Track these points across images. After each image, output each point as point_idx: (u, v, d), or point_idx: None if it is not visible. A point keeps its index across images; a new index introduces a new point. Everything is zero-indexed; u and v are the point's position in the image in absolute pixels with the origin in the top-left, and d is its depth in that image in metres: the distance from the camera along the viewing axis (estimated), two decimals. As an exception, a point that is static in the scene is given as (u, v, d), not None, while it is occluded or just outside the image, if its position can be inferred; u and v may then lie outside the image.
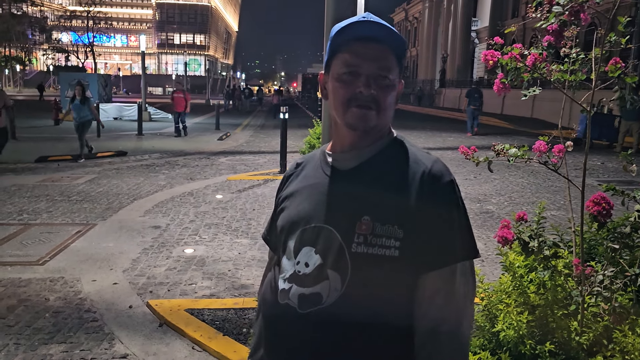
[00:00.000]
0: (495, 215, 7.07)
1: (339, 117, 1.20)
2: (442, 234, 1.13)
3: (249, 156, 12.73)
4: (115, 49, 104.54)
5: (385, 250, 1.12)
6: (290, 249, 1.23)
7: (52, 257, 5.01)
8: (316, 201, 1.22)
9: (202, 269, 4.83)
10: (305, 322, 1.16)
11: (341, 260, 1.14)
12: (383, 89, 1.17)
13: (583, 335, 2.35)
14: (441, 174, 1.16)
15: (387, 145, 1.23)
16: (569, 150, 2.17)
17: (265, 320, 1.30)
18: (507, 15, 43.67)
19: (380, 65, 1.17)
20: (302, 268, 1.19)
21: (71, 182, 8.72)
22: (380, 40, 1.17)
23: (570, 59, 2.22)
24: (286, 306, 1.20)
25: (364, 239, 1.13)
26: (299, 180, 1.31)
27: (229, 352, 3.30)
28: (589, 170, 10.87)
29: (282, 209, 1.31)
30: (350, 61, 1.17)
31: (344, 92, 1.18)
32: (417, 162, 1.18)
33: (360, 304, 1.13)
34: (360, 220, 1.14)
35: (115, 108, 23.42)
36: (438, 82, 50.08)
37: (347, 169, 1.22)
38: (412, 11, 69.72)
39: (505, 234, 2.50)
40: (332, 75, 1.21)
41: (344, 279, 1.14)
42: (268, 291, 1.32)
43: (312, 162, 1.32)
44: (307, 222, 1.21)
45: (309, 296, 1.16)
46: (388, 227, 1.12)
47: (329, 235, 1.17)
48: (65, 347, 3.36)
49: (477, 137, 18.50)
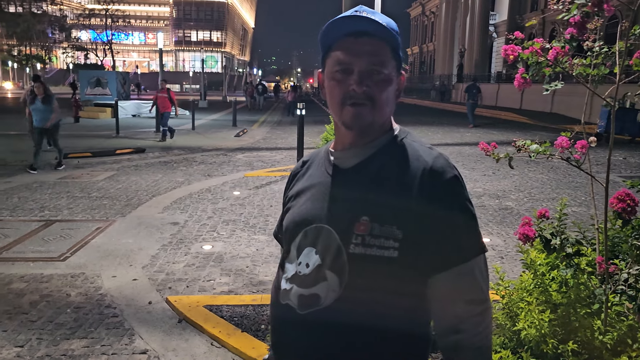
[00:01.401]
0: (515, 211, 6.98)
1: (336, 116, 1.18)
2: (450, 233, 1.10)
3: (266, 152, 12.76)
4: (133, 47, 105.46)
5: (383, 252, 1.09)
6: (293, 249, 1.23)
7: (73, 253, 5.08)
8: (318, 201, 1.21)
9: (220, 265, 4.85)
10: (304, 323, 1.15)
11: (339, 261, 1.13)
12: (378, 84, 1.13)
13: (607, 335, 2.31)
14: (442, 170, 1.12)
15: (388, 142, 1.20)
16: (592, 146, 2.13)
17: (271, 319, 1.32)
18: (526, 8, 43.08)
19: (372, 60, 1.13)
20: (302, 269, 1.18)
21: (91, 179, 8.83)
22: (371, 34, 1.13)
23: (593, 53, 2.17)
24: (287, 307, 1.19)
25: (362, 239, 1.10)
26: (304, 179, 1.30)
27: (248, 348, 3.31)
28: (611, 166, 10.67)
29: (288, 208, 1.30)
30: (341, 58, 1.14)
31: (337, 91, 1.15)
32: (418, 159, 1.14)
33: (359, 305, 1.11)
34: (359, 220, 1.11)
35: (133, 105, 23.67)
36: (455, 77, 49.61)
37: (347, 168, 1.20)
38: (429, 5, 69.16)
39: (527, 231, 2.46)
40: (326, 74, 1.19)
41: (342, 280, 1.12)
42: (273, 291, 1.33)
43: (317, 161, 1.31)
44: (308, 223, 1.20)
45: (308, 297, 1.15)
46: (387, 228, 1.09)
47: (328, 236, 1.15)
48: (86, 342, 3.40)
49: (484, 130, 18.31)
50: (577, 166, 2.18)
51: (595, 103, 15.75)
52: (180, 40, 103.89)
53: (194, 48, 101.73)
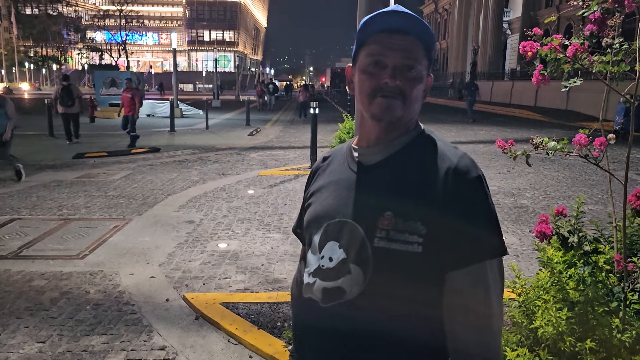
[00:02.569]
0: (530, 209, 6.94)
1: (365, 108, 1.19)
2: (469, 232, 1.10)
3: (279, 151, 12.80)
4: (147, 47, 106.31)
5: (407, 246, 1.10)
6: (315, 243, 1.24)
7: (92, 251, 5.16)
8: (341, 196, 1.22)
9: (236, 263, 4.89)
10: (327, 316, 1.17)
11: (363, 254, 1.14)
12: (409, 81, 1.15)
13: (625, 333, 2.30)
14: (467, 169, 1.13)
15: (414, 140, 1.21)
16: (612, 143, 2.12)
17: (292, 313, 1.33)
18: (540, 4, 42.63)
19: (406, 56, 1.15)
20: (326, 262, 1.20)
21: (107, 178, 8.93)
22: (407, 31, 1.15)
23: (613, 49, 2.16)
24: (309, 300, 1.21)
25: (386, 233, 1.12)
26: (326, 175, 1.31)
27: (264, 345, 3.34)
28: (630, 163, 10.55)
29: (310, 204, 1.31)
30: (376, 52, 1.16)
31: (369, 84, 1.17)
32: (443, 158, 1.15)
33: (382, 298, 1.12)
34: (383, 215, 1.13)
35: (147, 105, 23.85)
36: (469, 75, 49.30)
37: (372, 164, 1.21)
38: (442, 3, 68.77)
39: (544, 229, 2.46)
40: (359, 68, 1.20)
41: (366, 274, 1.14)
42: (294, 286, 1.34)
43: (339, 157, 1.32)
44: (331, 217, 1.21)
45: (332, 290, 1.17)
46: (410, 223, 1.10)
47: (352, 230, 1.17)
48: (106, 339, 3.45)
49: (498, 128, 18.19)
50: (596, 163, 2.17)
51: (612, 100, 15.56)
52: (193, 40, 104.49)
53: (206, 48, 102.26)
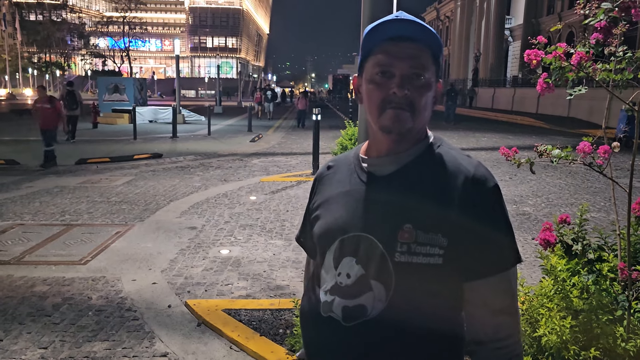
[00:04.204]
0: (533, 217, 6.93)
1: (374, 120, 1.16)
2: (492, 240, 1.10)
3: (281, 158, 12.81)
4: (150, 53, 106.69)
5: (429, 259, 1.08)
6: (329, 259, 1.20)
7: (94, 257, 5.15)
8: (354, 209, 1.18)
9: (238, 269, 4.88)
10: (350, 335, 1.14)
11: (384, 270, 1.11)
12: (418, 89, 1.12)
13: (629, 342, 2.29)
14: (485, 179, 1.12)
15: (426, 149, 1.18)
16: (616, 151, 2.12)
17: (307, 334, 1.27)
18: (542, 12, 42.73)
19: (414, 64, 1.12)
20: (343, 279, 1.16)
21: (110, 184, 8.94)
22: (414, 38, 1.12)
23: (617, 58, 2.16)
24: (330, 319, 1.17)
25: (407, 247, 1.09)
26: (332, 185, 1.27)
27: (267, 352, 3.33)
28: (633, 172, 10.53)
29: (317, 216, 1.26)
30: (383, 61, 1.13)
31: (377, 94, 1.13)
32: (459, 167, 1.13)
33: (406, 314, 1.10)
34: (402, 228, 1.10)
35: (150, 111, 23.92)
36: (470, 82, 49.37)
37: (384, 175, 1.18)
38: (443, 10, 68.97)
39: (548, 237, 2.45)
40: (366, 78, 1.17)
41: (388, 290, 1.11)
42: (306, 305, 1.28)
43: (345, 166, 1.27)
44: (345, 232, 1.17)
45: (353, 308, 1.13)
46: (431, 236, 1.09)
47: (369, 245, 1.13)
48: (108, 345, 3.45)
49: (500, 135, 18.20)
50: (600, 171, 2.17)
51: (614, 107, 15.56)
52: (196, 47, 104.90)
53: (209, 54, 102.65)
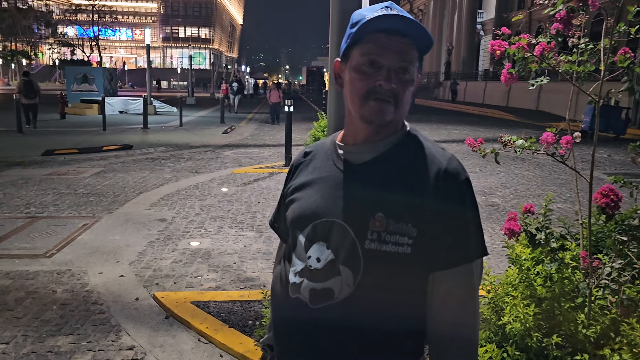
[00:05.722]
0: (501, 208, 7.04)
1: (355, 109, 1.17)
2: (459, 233, 1.13)
3: (254, 149, 12.73)
4: (120, 43, 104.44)
5: (398, 248, 1.10)
6: (301, 243, 1.21)
7: (59, 250, 5.04)
8: (328, 195, 1.19)
9: (208, 261, 4.84)
10: (316, 317, 1.15)
11: (354, 256, 1.13)
12: (403, 84, 1.14)
13: (590, 328, 2.34)
14: (457, 172, 1.14)
15: (402, 140, 1.20)
16: (577, 141, 2.15)
17: (275, 313, 1.29)
18: (513, 6, 43.31)
19: (402, 59, 1.14)
20: (313, 263, 1.17)
21: (77, 176, 8.75)
22: (405, 33, 1.13)
23: (579, 50, 2.20)
24: (297, 300, 1.19)
25: (377, 235, 1.11)
26: (309, 171, 1.28)
27: (235, 344, 3.31)
28: (596, 163, 10.80)
29: (292, 200, 1.27)
30: (372, 51, 1.13)
31: (362, 84, 1.14)
32: (432, 159, 1.15)
33: (372, 300, 1.12)
34: (374, 216, 1.12)
35: (120, 102, 23.46)
36: (443, 75, 49.82)
37: (360, 163, 1.19)
38: (417, 3, 69.29)
39: (512, 226, 2.49)
40: (351, 65, 1.17)
41: (356, 275, 1.13)
42: (278, 284, 1.30)
43: (322, 153, 1.29)
44: (318, 217, 1.19)
45: (321, 291, 1.15)
46: (402, 225, 1.10)
47: (341, 231, 1.15)
48: (72, 339, 3.38)
49: (471, 128, 18.47)
50: (562, 161, 2.21)
51: (582, 100, 15.92)
52: (168, 37, 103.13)
53: (181, 44, 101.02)
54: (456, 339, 1.14)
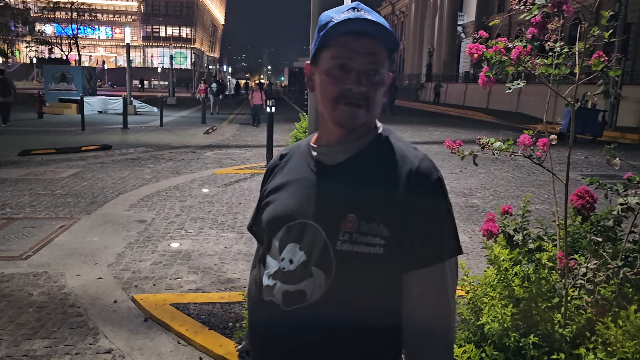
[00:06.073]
0: (481, 209, 7.12)
1: (327, 112, 1.17)
2: (431, 232, 1.13)
3: (236, 150, 12.67)
4: (99, 42, 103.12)
5: (370, 249, 1.10)
6: (275, 245, 1.21)
7: (36, 252, 4.95)
8: (301, 197, 1.19)
9: (188, 263, 4.80)
10: (289, 320, 1.15)
11: (325, 257, 1.13)
12: (373, 85, 1.14)
13: (566, 328, 2.38)
14: (429, 171, 1.14)
15: (374, 141, 1.20)
16: (553, 143, 2.18)
17: (250, 315, 1.29)
18: (493, 9, 43.83)
19: (371, 60, 1.13)
20: (286, 265, 1.17)
21: (55, 176, 8.61)
22: (372, 34, 1.13)
23: (555, 53, 2.23)
24: (270, 303, 1.18)
25: (349, 236, 1.11)
26: (284, 173, 1.28)
27: (215, 346, 3.29)
28: (573, 165, 10.98)
29: (267, 202, 1.27)
30: (341, 55, 1.13)
31: (333, 88, 1.14)
32: (404, 159, 1.15)
33: (345, 301, 1.12)
34: (346, 217, 1.12)
35: (99, 101, 23.15)
36: (424, 76, 50.17)
37: (333, 164, 1.20)
38: (399, 5, 69.67)
39: (491, 228, 2.51)
40: (321, 69, 1.17)
41: (328, 277, 1.13)
42: (253, 287, 1.30)
43: (297, 155, 1.29)
44: (292, 218, 1.18)
45: (293, 293, 1.15)
46: (374, 226, 1.10)
47: (313, 232, 1.15)
48: (49, 342, 3.32)
49: (451, 129, 18.65)
50: (539, 163, 2.24)
51: (560, 103, 16.15)
52: (148, 36, 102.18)
53: (162, 44, 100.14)
54: (430, 337, 1.13)
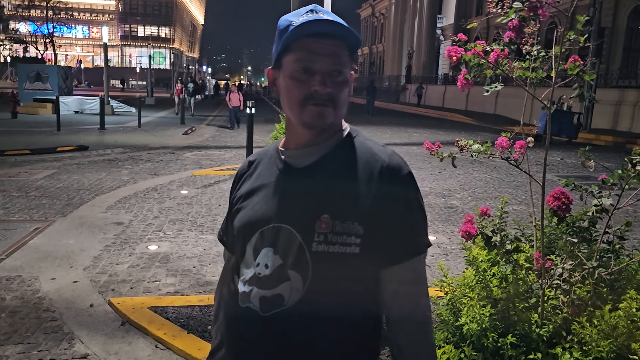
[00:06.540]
0: (460, 210, 7.18)
1: (295, 116, 1.17)
2: (406, 227, 1.15)
3: (215, 151, 12.59)
4: (76, 40, 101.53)
5: (345, 248, 1.11)
6: (249, 251, 1.20)
7: (9, 255, 4.84)
8: (273, 201, 1.19)
9: (167, 265, 4.74)
10: (267, 325, 1.14)
11: (301, 260, 1.13)
12: (338, 86, 1.15)
13: (543, 328, 2.41)
14: (399, 166, 1.16)
15: (343, 141, 1.21)
16: (530, 146, 2.21)
17: (226, 324, 1.27)
18: (471, 13, 44.33)
19: (334, 61, 1.14)
20: (262, 270, 1.16)
21: (29, 178, 8.44)
22: (333, 35, 1.14)
23: (532, 57, 2.26)
24: (247, 309, 1.17)
25: (324, 237, 1.11)
26: (253, 178, 1.27)
27: (194, 349, 3.25)
28: (549, 166, 11.16)
29: (238, 209, 1.27)
30: (304, 58, 1.13)
31: (298, 91, 1.14)
32: (374, 157, 1.17)
33: (323, 303, 1.12)
34: (320, 218, 1.12)
35: (76, 101, 22.79)
36: (404, 78, 50.52)
37: (303, 166, 1.20)
38: (378, 7, 70.07)
39: (469, 229, 2.53)
40: (285, 73, 1.17)
41: (305, 279, 1.12)
42: (227, 295, 1.28)
43: (266, 160, 1.28)
44: (265, 223, 1.18)
45: (271, 298, 1.14)
46: (348, 225, 1.11)
47: (288, 235, 1.14)
48: (22, 348, 3.25)
49: (430, 131, 18.81)
50: (516, 165, 2.26)
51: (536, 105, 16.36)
52: (126, 35, 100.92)
53: (140, 43, 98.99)
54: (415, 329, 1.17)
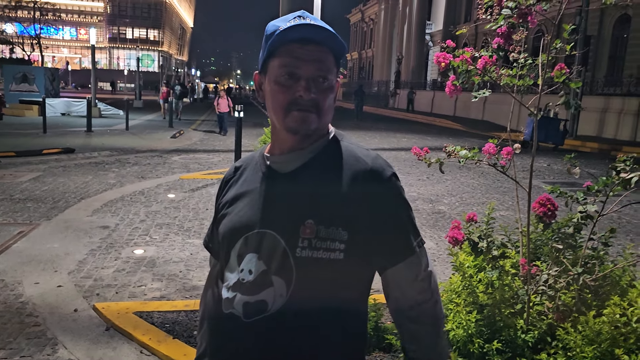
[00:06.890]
0: (447, 215, 7.21)
1: (279, 121, 1.17)
2: (395, 228, 1.16)
3: (203, 155, 12.53)
4: (64, 42, 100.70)
5: (330, 254, 1.11)
6: (233, 256, 1.20)
7: (-8, 259, 4.77)
8: (258, 206, 1.19)
9: (152, 270, 4.70)
10: (251, 331, 1.13)
11: (285, 265, 1.12)
12: (323, 92, 1.15)
13: (529, 333, 2.42)
14: (382, 169, 1.17)
15: (327, 145, 1.22)
16: (517, 152, 2.22)
17: (209, 330, 1.26)
18: (460, 19, 44.71)
19: (319, 67, 1.14)
20: (245, 275, 1.16)
21: (14, 180, 8.34)
22: (318, 41, 1.15)
23: (519, 64, 2.28)
24: (231, 315, 1.16)
25: (308, 243, 1.11)
26: (239, 184, 1.28)
27: (179, 355, 3.22)
28: (536, 172, 11.26)
29: (223, 215, 1.27)
30: (289, 64, 1.14)
31: (283, 97, 1.14)
32: (358, 160, 1.17)
33: (307, 308, 1.12)
34: (304, 223, 1.12)
35: (62, 103, 22.58)
36: (393, 83, 50.76)
37: (287, 172, 1.20)
38: (368, 12, 70.39)
39: (456, 235, 2.54)
40: (270, 78, 1.17)
41: (289, 285, 1.12)
42: (211, 301, 1.28)
43: (251, 166, 1.29)
44: (249, 229, 1.18)
45: (254, 304, 1.13)
46: (332, 230, 1.11)
47: (272, 241, 1.14)
48: (4, 354, 3.19)
49: (419, 136, 18.90)
50: (503, 172, 2.27)
51: (524, 112, 16.57)
52: (114, 37, 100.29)
53: (129, 46, 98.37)
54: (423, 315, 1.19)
